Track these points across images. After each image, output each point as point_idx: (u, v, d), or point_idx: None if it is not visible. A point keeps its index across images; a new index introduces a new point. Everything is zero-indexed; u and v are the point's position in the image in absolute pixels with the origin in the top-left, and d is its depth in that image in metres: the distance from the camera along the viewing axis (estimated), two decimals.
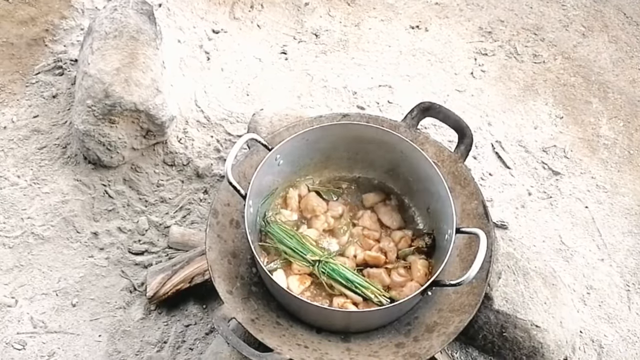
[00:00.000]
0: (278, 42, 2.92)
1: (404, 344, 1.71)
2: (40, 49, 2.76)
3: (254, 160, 1.94)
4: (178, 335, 2.11)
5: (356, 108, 2.69)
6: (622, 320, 2.20)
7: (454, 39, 2.98)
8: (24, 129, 2.51)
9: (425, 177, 1.86)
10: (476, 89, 2.80)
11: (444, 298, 1.78)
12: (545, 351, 1.94)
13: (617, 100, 2.80)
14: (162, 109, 2.33)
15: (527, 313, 1.91)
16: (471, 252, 1.81)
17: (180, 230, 2.26)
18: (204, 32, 2.88)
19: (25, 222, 2.29)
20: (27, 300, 2.16)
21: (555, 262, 2.31)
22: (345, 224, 1.95)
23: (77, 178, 2.39)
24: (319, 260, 1.81)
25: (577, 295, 2.24)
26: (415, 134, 2.02)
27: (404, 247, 1.90)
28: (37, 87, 2.64)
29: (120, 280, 2.22)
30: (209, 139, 2.53)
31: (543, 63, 2.91)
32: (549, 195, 2.49)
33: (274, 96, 2.71)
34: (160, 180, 2.43)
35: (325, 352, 1.68)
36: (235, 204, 1.90)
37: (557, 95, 2.81)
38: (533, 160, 2.59)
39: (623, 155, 2.63)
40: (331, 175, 2.06)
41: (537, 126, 2.69)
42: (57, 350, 2.07)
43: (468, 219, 1.87)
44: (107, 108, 2.25)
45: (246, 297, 1.76)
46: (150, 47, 2.38)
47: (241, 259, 1.84)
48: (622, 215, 2.46)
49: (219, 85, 2.72)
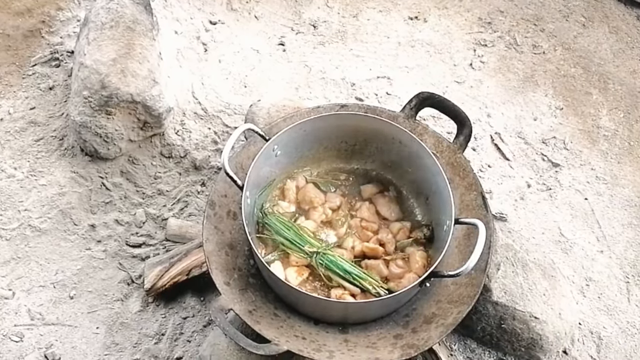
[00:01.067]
0: (276, 33, 2.90)
1: (402, 336, 1.70)
2: (37, 41, 2.74)
3: (251, 151, 1.93)
4: (176, 328, 2.10)
5: (354, 99, 2.68)
6: (621, 312, 2.19)
7: (453, 29, 2.96)
8: (21, 120, 2.50)
9: (424, 168, 1.85)
10: (475, 80, 2.78)
11: (443, 289, 1.77)
12: (544, 343, 1.93)
13: (618, 91, 2.79)
14: (159, 100, 2.32)
15: (526, 305, 1.91)
16: (470, 244, 1.80)
17: (177, 223, 2.25)
18: (201, 23, 2.86)
19: (22, 214, 2.28)
20: (25, 292, 2.15)
21: (554, 254, 2.30)
22: (343, 216, 1.94)
23: (74, 170, 2.38)
24: (317, 252, 1.80)
25: (576, 287, 2.24)
26: (414, 124, 2.00)
27: (402, 238, 1.89)
28: (34, 79, 2.62)
29: (117, 272, 2.21)
30: (207, 131, 2.52)
31: (543, 54, 2.90)
32: (548, 187, 2.48)
33: (272, 88, 2.70)
34: (158, 172, 2.42)
35: (323, 344, 1.67)
36: (232, 196, 1.89)
37: (557, 86, 2.79)
38: (532, 152, 2.58)
39: (623, 147, 2.62)
40: (329, 167, 2.05)
41: (537, 117, 2.68)
42: (55, 342, 2.06)
43: (467, 210, 1.87)
44: (104, 99, 2.24)
45: (244, 289, 1.76)
46: (146, 38, 2.37)
47: (239, 250, 1.84)
48: (622, 207, 2.45)
49: (217, 76, 2.71)
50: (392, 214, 1.96)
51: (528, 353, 1.99)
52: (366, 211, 1.95)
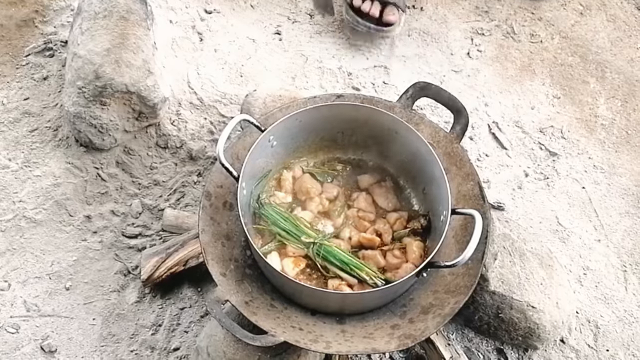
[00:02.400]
0: (272, 22, 2.88)
1: (399, 326, 1.70)
2: (30, 30, 2.71)
3: (247, 141, 1.92)
4: (173, 318, 2.10)
5: (351, 89, 2.66)
6: (618, 301, 2.19)
7: (450, 18, 2.94)
8: (15, 111, 2.48)
9: (421, 158, 1.84)
10: (473, 70, 2.77)
11: (440, 279, 1.77)
12: (542, 332, 1.94)
13: (615, 79, 2.78)
14: (153, 90, 2.30)
15: (523, 294, 1.91)
16: (467, 233, 1.80)
17: (174, 213, 2.24)
18: (196, 12, 2.84)
19: (16, 205, 2.27)
20: (20, 283, 2.14)
21: (551, 243, 2.30)
22: (340, 206, 1.94)
23: (69, 161, 2.37)
24: (314, 243, 1.80)
25: (573, 276, 2.24)
26: (411, 114, 1.99)
27: (399, 228, 1.89)
28: (28, 69, 2.60)
29: (114, 263, 2.20)
30: (202, 121, 2.50)
31: (540, 43, 2.88)
32: (545, 176, 2.48)
33: (268, 77, 2.68)
34: (154, 163, 2.41)
35: (320, 334, 1.67)
36: (228, 186, 1.88)
37: (555, 75, 2.78)
38: (530, 141, 2.57)
39: (621, 136, 2.61)
40: (326, 157, 2.04)
41: (534, 106, 2.67)
42: (51, 333, 2.06)
43: (464, 200, 1.86)
44: (98, 89, 2.22)
45: (240, 280, 1.75)
46: (141, 28, 2.34)
47: (235, 241, 1.83)
48: (619, 196, 2.45)
49: (212, 66, 2.69)
50: (389, 204, 1.95)
51: (525, 342, 1.99)
52: (363, 201, 1.94)
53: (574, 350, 2.07)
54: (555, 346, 2.07)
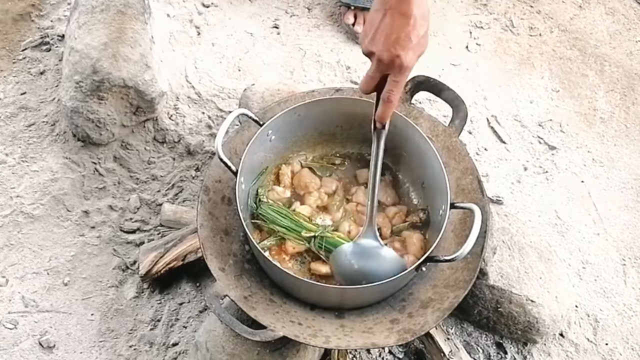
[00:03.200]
0: (270, 16, 2.86)
1: (399, 320, 1.69)
2: (27, 25, 2.70)
3: (245, 136, 1.91)
4: (171, 314, 2.10)
5: (350, 83, 2.65)
6: (617, 295, 2.19)
7: (448, 11, 2.93)
8: (12, 106, 2.47)
9: (419, 152, 1.83)
10: (471, 63, 2.76)
11: (439, 274, 1.77)
12: (541, 326, 1.93)
13: (614, 73, 2.77)
14: (151, 84, 2.29)
15: (522, 288, 1.91)
16: (466, 228, 1.80)
17: (172, 208, 2.23)
18: (194, 6, 2.82)
19: (14, 200, 2.26)
20: (18, 279, 2.13)
21: (550, 237, 2.30)
22: (339, 200, 1.93)
23: (67, 156, 2.36)
24: (314, 236, 1.79)
25: (572, 270, 2.24)
26: (409, 108, 1.99)
27: (398, 222, 1.89)
28: (24, 64, 2.59)
29: (112, 258, 2.20)
30: (200, 115, 2.49)
31: (539, 36, 2.87)
32: (544, 170, 2.47)
33: (266, 71, 2.67)
34: (152, 157, 2.40)
35: (319, 329, 1.66)
36: (226, 181, 1.87)
37: (553, 68, 2.77)
38: (529, 135, 2.56)
39: (620, 129, 2.61)
40: (324, 151, 2.03)
41: (533, 100, 2.66)
42: (49, 329, 2.05)
43: (463, 194, 1.86)
44: (95, 84, 2.21)
45: (239, 275, 1.75)
46: (138, 22, 2.33)
47: (233, 236, 1.82)
48: (618, 190, 2.44)
49: (210, 60, 2.67)
50: (388, 198, 1.94)
51: (525, 336, 1.99)
52: (362, 195, 1.94)
53: (573, 344, 2.08)
54: (554, 340, 2.07)
